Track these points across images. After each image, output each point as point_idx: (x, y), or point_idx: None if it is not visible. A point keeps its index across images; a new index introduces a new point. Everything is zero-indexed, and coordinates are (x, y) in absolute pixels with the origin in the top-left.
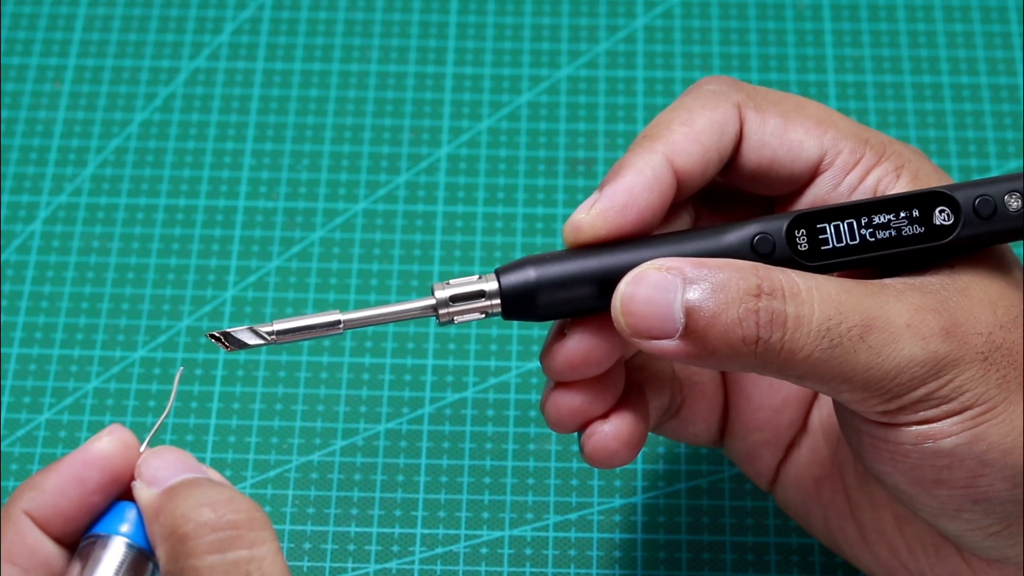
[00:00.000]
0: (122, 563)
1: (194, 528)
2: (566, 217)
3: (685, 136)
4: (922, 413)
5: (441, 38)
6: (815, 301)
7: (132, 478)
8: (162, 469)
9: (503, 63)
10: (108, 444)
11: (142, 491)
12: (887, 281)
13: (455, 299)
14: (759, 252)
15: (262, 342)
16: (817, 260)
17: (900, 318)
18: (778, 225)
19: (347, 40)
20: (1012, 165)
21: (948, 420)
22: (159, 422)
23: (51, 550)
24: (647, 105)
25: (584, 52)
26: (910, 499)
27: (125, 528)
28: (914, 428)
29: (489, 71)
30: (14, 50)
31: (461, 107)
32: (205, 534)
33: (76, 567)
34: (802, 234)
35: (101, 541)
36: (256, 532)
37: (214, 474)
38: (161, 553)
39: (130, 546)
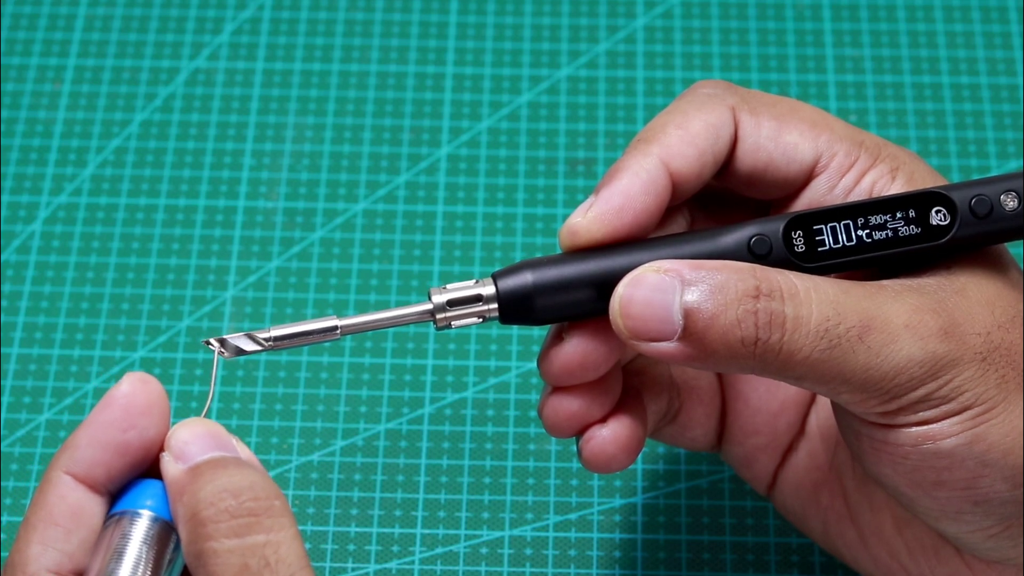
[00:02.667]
0: (147, 535)
1: (214, 513)
2: (566, 217)
3: (680, 139)
4: (921, 414)
5: (441, 38)
6: (813, 302)
7: (161, 424)
8: (191, 444)
9: (503, 63)
10: (127, 385)
11: (169, 466)
12: (885, 282)
13: (452, 303)
14: (756, 254)
15: (259, 348)
16: (814, 261)
17: (898, 319)
18: (775, 227)
19: (347, 40)
20: (1012, 165)
21: (947, 421)
22: (209, 398)
23: (95, 509)
24: (647, 105)
25: (584, 52)
26: (910, 501)
27: (150, 503)
28: (913, 429)
29: (489, 71)
30: (14, 50)
31: (461, 107)
32: (224, 519)
33: (104, 541)
34: (799, 235)
35: (128, 516)
36: (275, 519)
37: (243, 450)
38: (182, 532)
39: (154, 519)
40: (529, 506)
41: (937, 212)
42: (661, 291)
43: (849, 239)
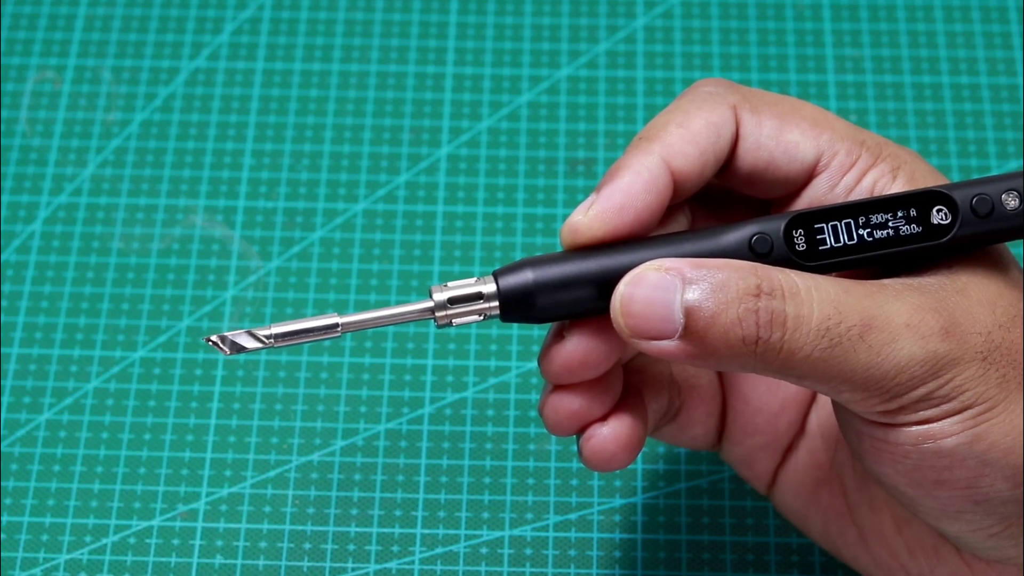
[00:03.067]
0: None
1: None
2: (566, 217)
3: (681, 137)
4: (922, 413)
5: (441, 38)
6: (814, 301)
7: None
8: None
9: (503, 63)
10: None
11: None
12: (886, 281)
13: (453, 301)
14: (757, 252)
15: (260, 345)
16: (815, 260)
17: (899, 318)
18: (776, 225)
19: (347, 40)
20: (1012, 165)
21: (948, 420)
22: None
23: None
24: (647, 105)
25: (584, 52)
26: (911, 501)
27: None
28: (914, 428)
29: (489, 71)
30: (14, 50)
31: (461, 107)
32: None
33: None
34: (800, 234)
35: None
36: None
37: None
38: None
39: None
40: (529, 506)
41: (938, 211)
42: (662, 289)
43: (850, 238)
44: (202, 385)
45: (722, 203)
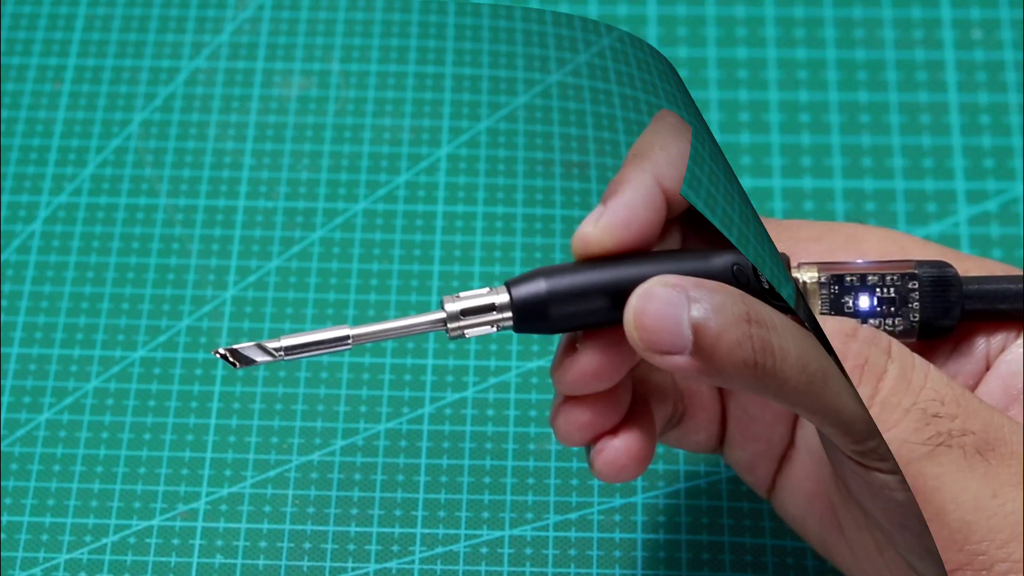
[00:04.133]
0: None
1: None
2: (565, 218)
3: (665, 160)
4: (880, 463)
5: (441, 38)
6: (789, 338)
7: None
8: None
9: (499, 64)
10: None
11: None
12: None
13: (465, 313)
14: (739, 281)
15: (270, 359)
16: (781, 300)
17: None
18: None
19: (347, 40)
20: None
21: (897, 475)
22: None
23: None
24: (647, 103)
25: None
26: (887, 533)
27: None
28: (877, 475)
29: (488, 71)
30: (14, 50)
31: (461, 107)
32: None
33: None
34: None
35: None
36: None
37: None
38: None
39: None
40: (529, 506)
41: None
42: (671, 305)
43: None
44: (202, 385)
45: (709, 223)
